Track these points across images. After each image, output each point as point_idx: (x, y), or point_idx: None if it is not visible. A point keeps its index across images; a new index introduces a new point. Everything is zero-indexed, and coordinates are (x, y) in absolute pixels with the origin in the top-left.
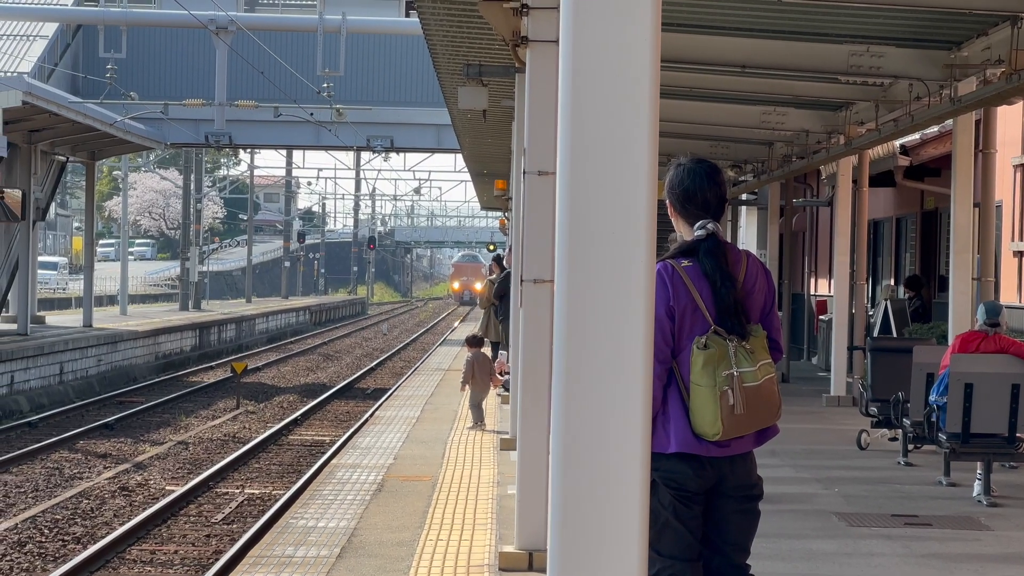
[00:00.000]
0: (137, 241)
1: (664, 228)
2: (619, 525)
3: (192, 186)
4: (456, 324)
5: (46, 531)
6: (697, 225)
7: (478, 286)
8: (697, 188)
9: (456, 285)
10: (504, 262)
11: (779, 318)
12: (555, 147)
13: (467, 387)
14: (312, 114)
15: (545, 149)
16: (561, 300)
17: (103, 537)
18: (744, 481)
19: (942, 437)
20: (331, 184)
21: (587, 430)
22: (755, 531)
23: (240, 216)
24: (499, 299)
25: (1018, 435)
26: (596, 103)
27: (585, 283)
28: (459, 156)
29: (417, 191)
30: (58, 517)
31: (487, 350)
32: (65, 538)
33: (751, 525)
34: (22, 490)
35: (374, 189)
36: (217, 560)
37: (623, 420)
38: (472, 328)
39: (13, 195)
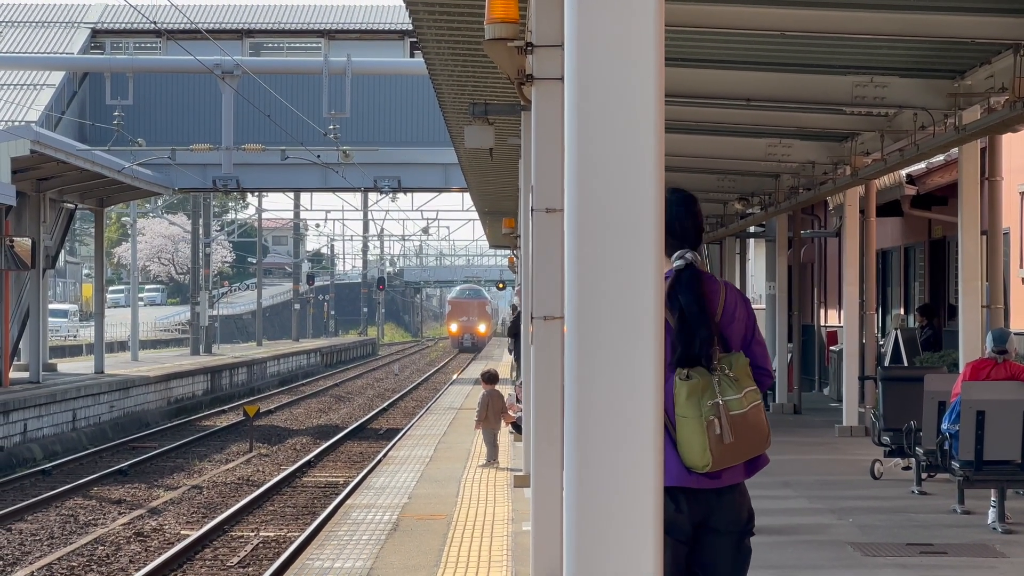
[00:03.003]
0: (147, 287)
1: None
2: (634, 559)
3: (201, 231)
4: (454, 376)
5: None
6: (675, 255)
7: (482, 328)
8: (674, 218)
9: (454, 327)
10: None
11: (764, 344)
12: (562, 184)
13: (480, 425)
14: (319, 156)
15: (552, 186)
16: (571, 336)
17: None
18: (735, 515)
19: (955, 465)
20: (339, 226)
21: (600, 465)
22: (747, 569)
23: (249, 259)
24: (513, 337)
25: None
26: (601, 139)
27: (594, 318)
28: (467, 195)
29: (425, 231)
30: (74, 564)
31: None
32: None
33: (743, 563)
34: (37, 538)
35: (382, 230)
36: None
37: (636, 453)
38: (481, 367)
39: (23, 243)
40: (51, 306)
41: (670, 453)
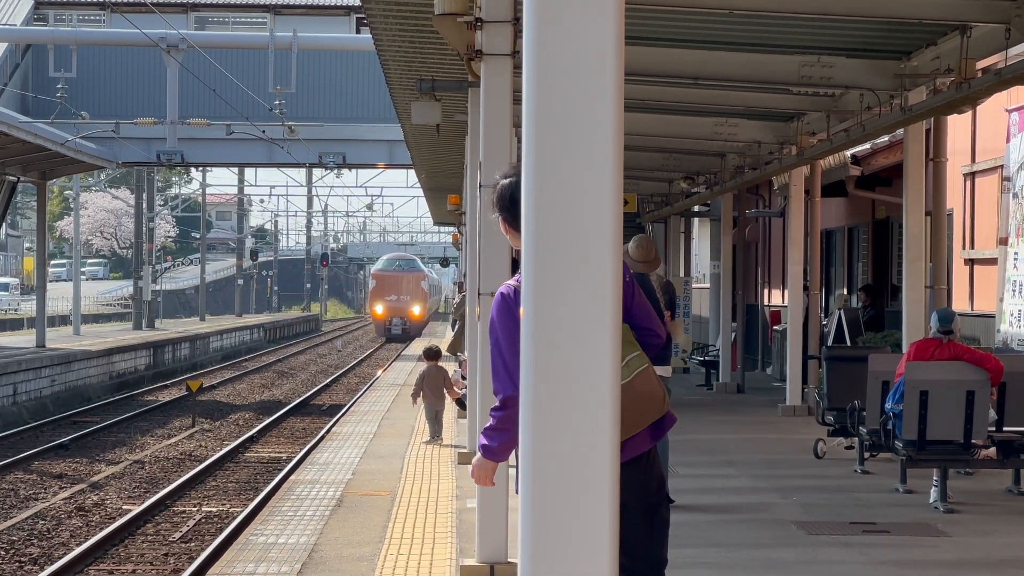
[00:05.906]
0: (89, 261)
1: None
2: (590, 535)
3: (144, 205)
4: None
5: (2, 553)
6: None
7: (416, 309)
8: None
9: (379, 309)
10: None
11: (646, 305)
12: (510, 160)
13: (419, 400)
14: (264, 131)
15: (500, 162)
16: (528, 313)
17: (60, 558)
18: (643, 488)
19: (898, 445)
20: (283, 201)
21: (557, 440)
22: (667, 539)
23: (193, 234)
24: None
25: (973, 441)
26: (560, 113)
27: (551, 293)
28: (411, 172)
29: (369, 207)
30: (14, 539)
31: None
32: (22, 559)
33: (662, 534)
34: None
35: (326, 206)
36: None
37: (592, 427)
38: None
39: None
40: None
41: None
